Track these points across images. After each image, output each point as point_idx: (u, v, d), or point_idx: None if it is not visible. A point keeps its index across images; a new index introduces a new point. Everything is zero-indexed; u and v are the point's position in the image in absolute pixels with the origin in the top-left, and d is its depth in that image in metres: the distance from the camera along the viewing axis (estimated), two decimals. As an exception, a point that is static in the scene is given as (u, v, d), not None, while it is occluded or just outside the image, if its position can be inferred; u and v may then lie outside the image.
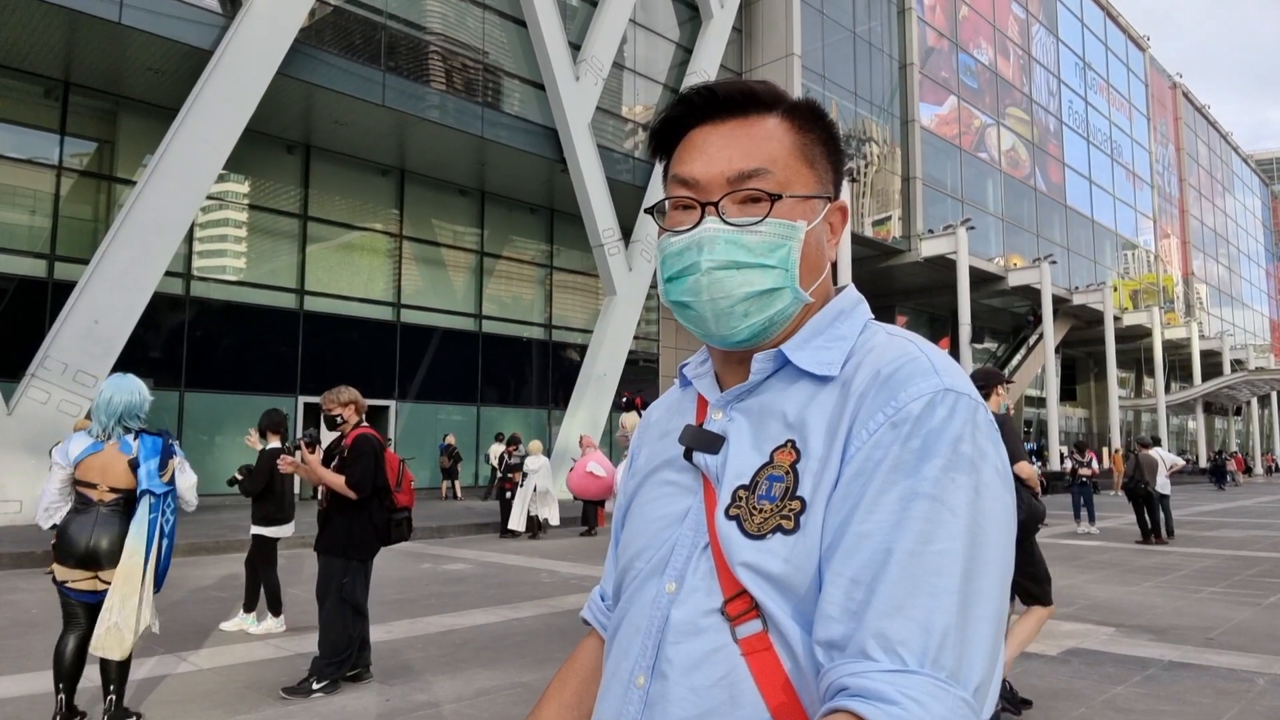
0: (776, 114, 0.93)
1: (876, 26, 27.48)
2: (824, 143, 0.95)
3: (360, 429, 5.31)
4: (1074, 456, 16.16)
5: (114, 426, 4.26)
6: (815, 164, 0.93)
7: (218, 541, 10.91)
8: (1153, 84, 47.87)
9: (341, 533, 5.13)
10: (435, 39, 17.50)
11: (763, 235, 0.89)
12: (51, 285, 14.74)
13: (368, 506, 5.16)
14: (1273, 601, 8.23)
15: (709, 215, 0.90)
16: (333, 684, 4.92)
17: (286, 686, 4.88)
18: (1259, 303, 62.59)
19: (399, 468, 5.35)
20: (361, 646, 5.19)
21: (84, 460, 4.19)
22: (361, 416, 5.45)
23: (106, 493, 4.19)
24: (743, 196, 0.90)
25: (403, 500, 5.32)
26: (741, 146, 0.91)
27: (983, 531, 0.76)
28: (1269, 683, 5.29)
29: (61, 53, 14.21)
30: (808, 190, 0.92)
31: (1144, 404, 44.64)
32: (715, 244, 0.89)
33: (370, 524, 5.18)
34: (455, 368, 20.64)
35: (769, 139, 0.91)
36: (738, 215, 0.89)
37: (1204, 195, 53.78)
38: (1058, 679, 5.38)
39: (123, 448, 4.26)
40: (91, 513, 4.17)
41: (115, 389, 4.31)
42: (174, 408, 16.12)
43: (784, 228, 0.89)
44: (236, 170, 16.92)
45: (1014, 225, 32.97)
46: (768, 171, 0.89)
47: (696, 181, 0.91)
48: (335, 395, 5.40)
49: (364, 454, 5.12)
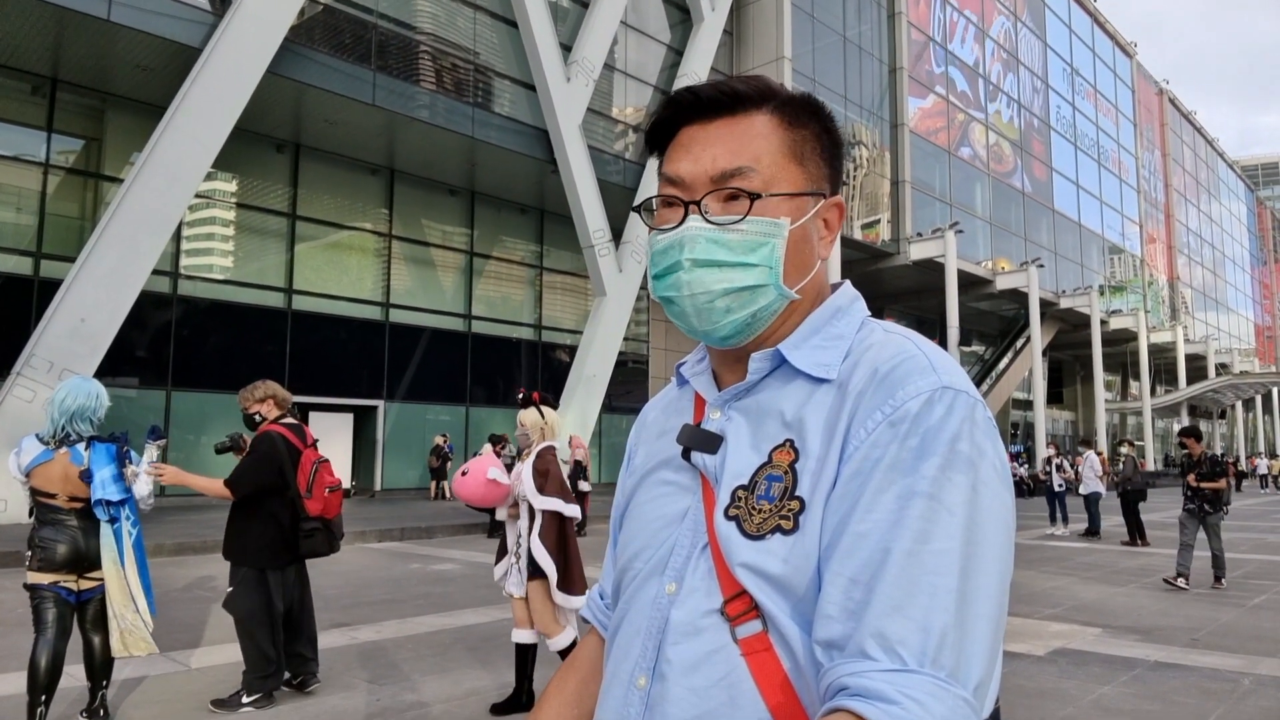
0: (765, 110, 0.93)
1: (867, 31, 27.59)
2: (818, 138, 0.94)
3: (270, 425, 4.88)
4: (1050, 460, 16.44)
5: (65, 426, 4.16)
6: (805, 160, 0.93)
7: (204, 542, 10.84)
8: (1139, 90, 48.19)
9: (234, 538, 4.75)
10: (426, 39, 17.47)
11: (744, 233, 0.89)
12: (38, 283, 14.63)
13: (264, 510, 4.73)
14: (1258, 603, 8.30)
15: (692, 214, 0.90)
16: (265, 697, 4.59)
17: (216, 699, 4.60)
18: (1243, 307, 63.07)
19: (310, 470, 4.81)
20: (292, 659, 4.84)
21: (36, 469, 4.10)
22: (285, 411, 5.04)
23: (68, 501, 4.14)
24: (725, 195, 0.90)
25: (313, 508, 4.79)
26: (725, 145, 0.91)
27: (980, 530, 0.76)
28: (1254, 683, 5.33)
29: (50, 49, 14.11)
30: (795, 187, 0.91)
31: (1130, 407, 44.94)
32: (696, 242, 0.89)
33: (275, 530, 4.75)
34: (444, 368, 20.60)
35: (755, 137, 0.91)
36: (720, 214, 0.90)
37: (1189, 200, 54.16)
38: (1045, 679, 5.40)
39: (74, 458, 4.14)
40: (62, 521, 4.12)
41: (70, 390, 4.21)
42: (160, 407, 16.03)
43: (766, 225, 0.89)
44: (225, 168, 16.84)
45: (1002, 229, 33.15)
46: (750, 170, 0.90)
47: (682, 180, 0.92)
48: (250, 391, 4.99)
49: (254, 451, 4.75)
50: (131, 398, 15.65)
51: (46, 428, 4.20)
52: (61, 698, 4.28)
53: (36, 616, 4.09)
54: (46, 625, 4.07)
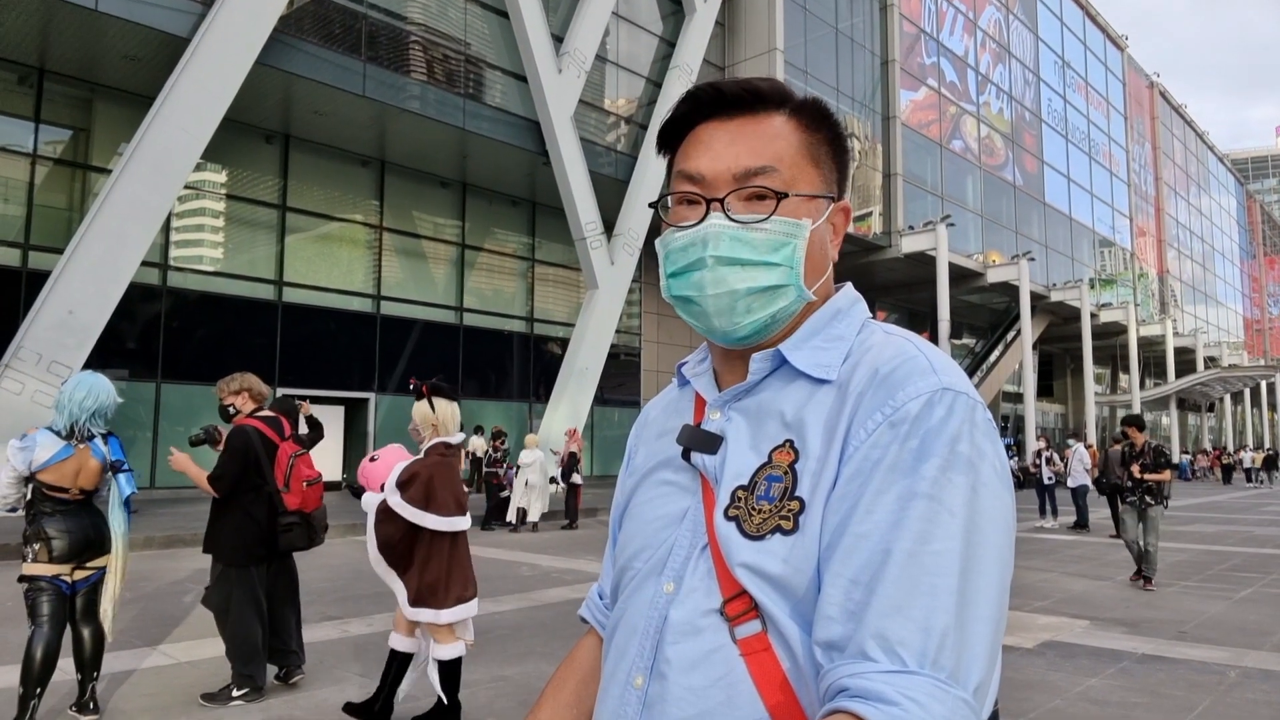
0: (783, 112, 0.93)
1: (859, 23, 27.57)
2: (830, 143, 0.95)
3: (244, 419, 4.84)
4: (1040, 453, 16.51)
5: (84, 424, 4.21)
6: (821, 164, 0.94)
7: (195, 534, 10.79)
8: (1130, 83, 48.30)
9: (212, 533, 4.74)
10: (416, 29, 17.37)
11: (768, 233, 0.89)
12: (26, 274, 14.53)
13: (244, 506, 4.68)
14: (1244, 596, 8.36)
15: (714, 211, 0.90)
16: (254, 690, 4.58)
17: (206, 693, 4.61)
18: (1233, 300, 63.44)
19: (287, 464, 4.79)
20: (274, 653, 4.81)
21: (53, 465, 4.11)
22: (261, 405, 4.99)
23: (77, 494, 4.21)
24: (748, 194, 0.90)
25: (291, 502, 4.77)
26: (748, 143, 0.91)
27: (980, 531, 0.76)
28: (1240, 675, 5.37)
29: (37, 39, 13.99)
30: (813, 189, 0.92)
31: (1119, 400, 45.15)
32: (720, 240, 0.89)
33: (249, 524, 4.70)
34: (436, 361, 20.53)
35: (776, 137, 0.91)
36: (743, 212, 0.90)
37: (1180, 194, 54.37)
38: (1033, 671, 5.44)
39: (95, 453, 4.23)
40: (73, 513, 4.18)
41: (88, 388, 4.26)
42: (150, 399, 15.95)
43: (789, 226, 0.89)
44: (214, 160, 16.72)
45: (993, 222, 33.22)
46: (774, 169, 0.90)
47: (702, 177, 0.91)
48: (226, 383, 4.95)
49: (230, 447, 4.69)
50: (121, 390, 15.54)
51: (61, 423, 4.20)
52: (51, 691, 4.27)
53: (33, 609, 4.09)
54: (44, 618, 4.07)
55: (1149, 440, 9.17)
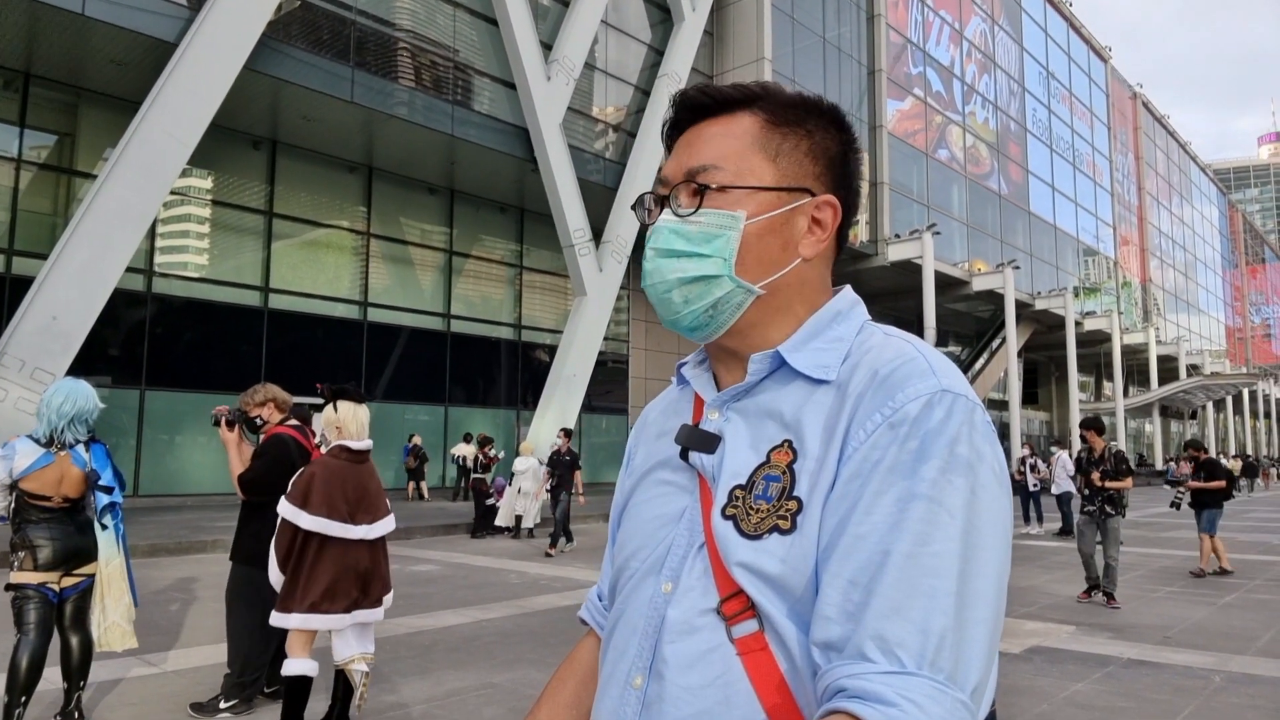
0: (751, 111, 0.95)
1: (846, 32, 27.74)
2: (809, 136, 0.95)
3: (279, 428, 4.83)
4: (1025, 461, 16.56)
5: (63, 431, 4.17)
6: (779, 158, 0.94)
7: (179, 543, 10.73)
8: (1114, 94, 48.77)
9: (250, 539, 4.67)
10: (405, 35, 17.36)
11: (700, 225, 0.92)
12: (9, 280, 14.41)
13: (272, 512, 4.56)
14: (1228, 601, 8.42)
15: (665, 208, 0.95)
16: (243, 702, 4.56)
17: (195, 703, 4.55)
18: (1215, 309, 64.01)
19: None
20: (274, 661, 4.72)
21: (34, 473, 4.08)
22: (287, 414, 4.99)
23: (61, 502, 4.17)
24: (690, 190, 0.93)
25: None
26: (702, 144, 0.95)
27: (979, 533, 0.76)
28: (1225, 680, 5.41)
29: (22, 44, 13.90)
30: (760, 183, 0.92)
31: (1103, 407, 45.42)
32: (661, 233, 0.94)
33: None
34: (423, 367, 20.49)
35: (728, 136, 0.94)
36: (685, 207, 0.93)
37: (1162, 204, 54.87)
38: (1020, 676, 5.46)
39: (75, 460, 4.18)
40: (56, 520, 4.13)
41: (67, 394, 4.22)
42: (134, 406, 15.83)
43: (721, 218, 0.91)
44: (201, 165, 16.64)
45: (978, 230, 33.44)
46: (714, 167, 0.92)
47: (665, 179, 0.97)
48: (251, 395, 4.96)
49: (266, 454, 4.67)
50: (105, 397, 15.42)
51: (40, 431, 4.16)
52: (36, 700, 4.23)
53: (19, 616, 4.06)
54: (30, 625, 4.04)
55: (1109, 444, 8.49)
